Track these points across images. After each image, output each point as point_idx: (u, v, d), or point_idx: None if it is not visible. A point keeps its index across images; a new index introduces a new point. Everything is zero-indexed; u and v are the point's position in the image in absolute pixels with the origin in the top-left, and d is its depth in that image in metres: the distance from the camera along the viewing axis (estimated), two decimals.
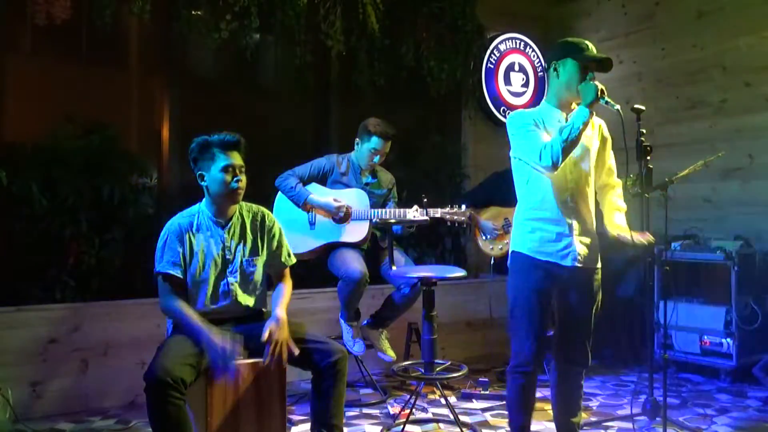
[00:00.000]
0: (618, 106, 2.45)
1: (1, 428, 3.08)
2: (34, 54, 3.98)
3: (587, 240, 2.59)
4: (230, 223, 2.57)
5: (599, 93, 2.41)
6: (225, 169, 2.49)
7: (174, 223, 2.53)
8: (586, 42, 2.59)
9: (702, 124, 4.79)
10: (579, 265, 2.53)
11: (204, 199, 2.58)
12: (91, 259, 3.67)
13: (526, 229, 2.56)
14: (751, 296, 4.10)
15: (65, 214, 3.63)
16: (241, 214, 2.61)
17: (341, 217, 3.55)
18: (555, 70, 2.56)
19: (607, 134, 2.70)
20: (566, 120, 2.52)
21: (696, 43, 4.84)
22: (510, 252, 2.63)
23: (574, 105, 2.55)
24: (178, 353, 2.29)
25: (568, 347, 2.65)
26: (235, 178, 2.50)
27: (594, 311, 2.64)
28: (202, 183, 2.54)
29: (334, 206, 3.54)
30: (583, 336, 2.62)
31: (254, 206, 2.68)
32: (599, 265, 2.65)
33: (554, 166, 2.41)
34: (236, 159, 2.52)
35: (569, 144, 2.39)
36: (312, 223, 3.62)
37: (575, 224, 2.54)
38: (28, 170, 3.56)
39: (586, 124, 2.42)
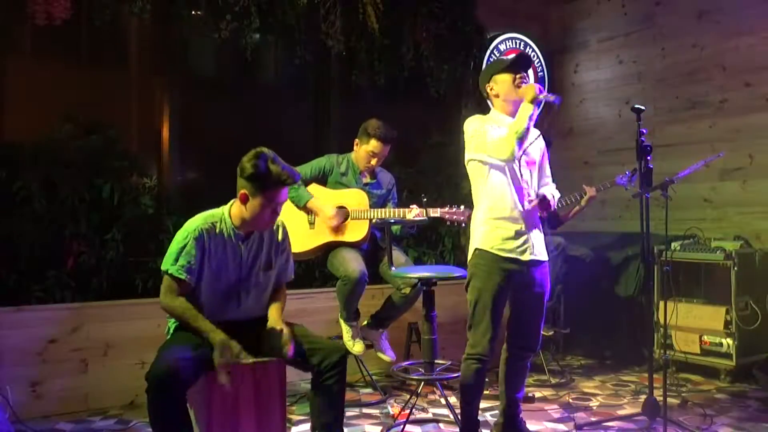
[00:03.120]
0: (553, 96, 2.74)
1: None
2: (34, 54, 3.98)
3: (539, 235, 2.86)
4: (251, 238, 2.53)
5: (537, 90, 2.72)
6: (268, 205, 2.41)
7: (196, 228, 2.43)
8: (501, 57, 2.92)
9: (702, 124, 4.80)
10: (534, 258, 2.80)
11: (232, 207, 2.49)
12: (91, 259, 3.68)
13: (488, 228, 2.79)
14: (751, 296, 4.10)
15: (65, 214, 3.63)
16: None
17: (335, 225, 3.54)
18: (491, 89, 2.89)
19: (543, 144, 3.00)
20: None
21: (696, 43, 4.84)
22: (474, 250, 2.81)
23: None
24: (179, 354, 2.28)
25: (523, 336, 2.91)
26: (273, 214, 2.45)
27: (545, 300, 2.90)
28: (242, 202, 2.43)
29: (330, 214, 3.53)
30: (538, 325, 2.90)
31: None
32: (547, 258, 2.91)
33: (512, 156, 2.69)
34: (283, 195, 2.45)
35: (521, 135, 2.67)
36: (311, 223, 3.62)
37: (529, 221, 2.81)
38: (28, 170, 3.56)
39: (532, 117, 2.70)
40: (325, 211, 3.55)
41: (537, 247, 2.82)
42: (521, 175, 2.81)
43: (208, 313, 2.44)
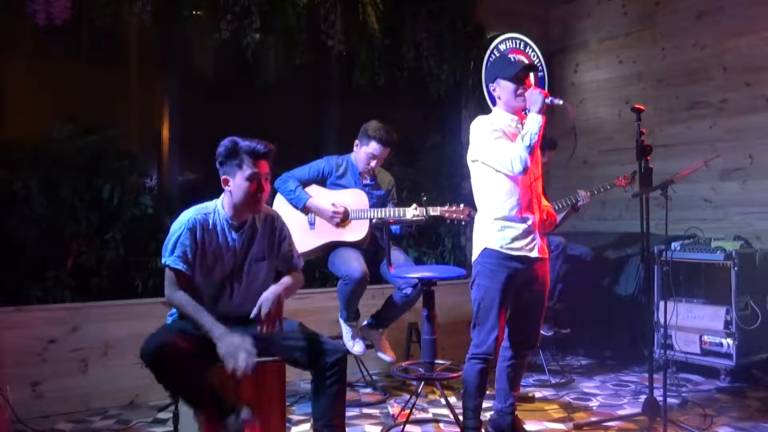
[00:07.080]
0: (561, 101, 2.74)
1: None
2: (34, 54, 3.98)
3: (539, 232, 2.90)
4: (244, 228, 2.55)
5: (544, 98, 2.70)
6: (250, 179, 2.44)
7: (189, 218, 2.48)
8: (509, 56, 2.89)
9: (702, 124, 4.79)
10: (541, 256, 2.83)
11: (222, 198, 2.54)
12: (91, 259, 3.68)
13: (496, 228, 2.78)
14: (751, 296, 4.10)
15: (65, 214, 3.63)
16: (255, 218, 2.58)
17: (337, 222, 3.54)
18: (494, 90, 2.88)
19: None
20: (519, 122, 2.84)
21: (696, 43, 4.84)
22: (482, 249, 2.80)
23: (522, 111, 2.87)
24: (173, 332, 2.34)
25: (525, 333, 2.93)
26: (259, 189, 2.46)
27: (546, 297, 2.93)
28: (226, 186, 2.48)
29: (331, 211, 3.53)
30: (538, 321, 2.94)
31: (265, 207, 2.64)
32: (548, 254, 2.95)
33: (525, 170, 2.70)
34: (263, 168, 2.48)
35: (532, 149, 2.68)
36: (312, 224, 3.62)
37: (536, 219, 2.84)
38: (28, 170, 3.57)
39: (542, 128, 2.69)
40: (324, 211, 3.55)
41: (542, 244, 2.86)
42: (530, 177, 2.81)
43: (204, 306, 2.45)
